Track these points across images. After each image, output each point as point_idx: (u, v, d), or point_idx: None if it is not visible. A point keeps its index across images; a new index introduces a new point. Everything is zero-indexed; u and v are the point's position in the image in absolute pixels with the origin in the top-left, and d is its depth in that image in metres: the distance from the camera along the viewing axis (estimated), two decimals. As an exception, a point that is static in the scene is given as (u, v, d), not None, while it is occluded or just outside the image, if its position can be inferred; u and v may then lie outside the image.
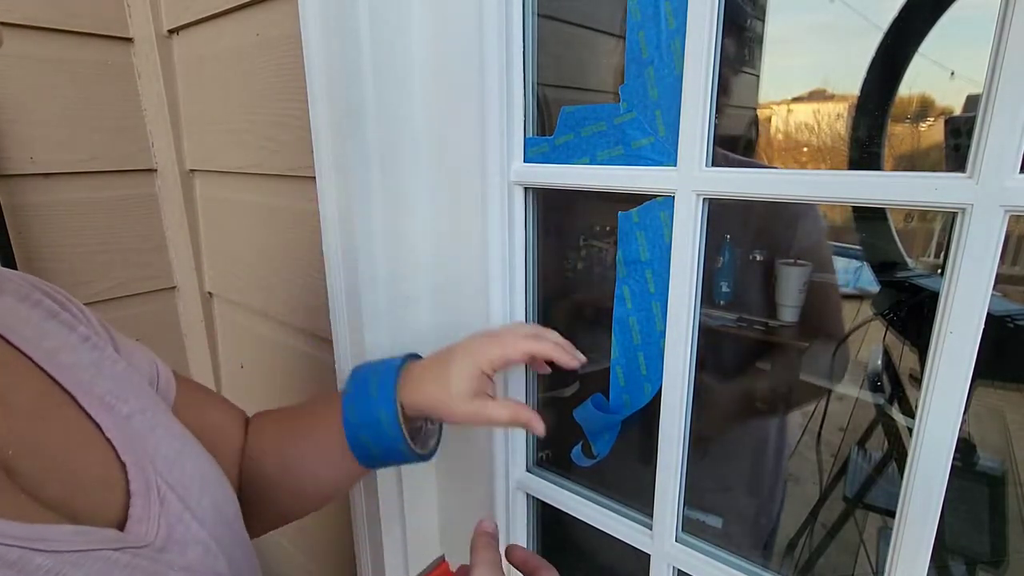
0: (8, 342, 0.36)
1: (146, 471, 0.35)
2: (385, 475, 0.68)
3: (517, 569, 0.48)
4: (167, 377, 0.49)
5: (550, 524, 0.71)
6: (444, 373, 0.50)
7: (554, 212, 0.64)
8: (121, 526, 0.33)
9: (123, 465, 0.35)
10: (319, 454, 0.53)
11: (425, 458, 0.53)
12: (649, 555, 0.57)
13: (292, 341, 0.82)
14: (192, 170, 0.93)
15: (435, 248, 0.65)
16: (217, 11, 0.75)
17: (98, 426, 0.35)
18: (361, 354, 0.63)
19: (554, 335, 0.53)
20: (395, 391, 0.50)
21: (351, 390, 0.52)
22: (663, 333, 0.50)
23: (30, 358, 0.36)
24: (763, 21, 0.75)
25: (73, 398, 0.36)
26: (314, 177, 0.62)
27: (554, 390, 0.78)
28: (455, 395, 0.49)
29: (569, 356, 0.52)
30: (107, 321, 0.45)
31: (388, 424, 0.49)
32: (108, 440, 0.35)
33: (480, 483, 0.69)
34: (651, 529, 0.56)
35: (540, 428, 0.51)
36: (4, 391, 0.33)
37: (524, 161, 0.56)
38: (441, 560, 0.47)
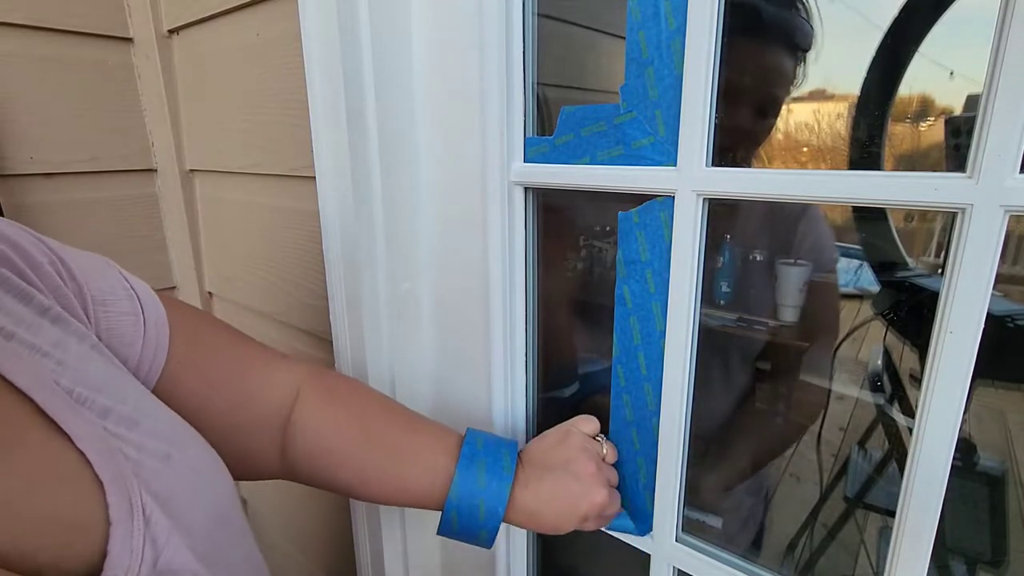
0: None
1: (128, 487, 0.30)
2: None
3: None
4: (156, 324, 0.41)
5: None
6: (555, 523, 0.49)
7: (554, 212, 0.64)
8: (98, 568, 0.28)
9: (101, 484, 0.29)
10: (397, 483, 0.50)
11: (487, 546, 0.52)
12: (649, 555, 0.57)
13: (292, 341, 0.82)
14: (192, 170, 0.93)
15: (435, 248, 0.65)
16: (217, 11, 0.75)
17: (68, 437, 0.30)
18: (361, 354, 0.63)
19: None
20: (510, 489, 0.49)
21: (467, 459, 0.49)
22: (663, 333, 0.50)
23: None
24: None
25: (34, 403, 0.29)
26: (314, 177, 0.62)
27: (554, 390, 0.78)
28: (554, 530, 0.50)
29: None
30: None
31: (489, 518, 0.48)
32: (81, 452, 0.30)
33: (480, 483, 0.69)
34: (651, 529, 0.56)
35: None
36: None
37: (524, 161, 0.56)
38: None
